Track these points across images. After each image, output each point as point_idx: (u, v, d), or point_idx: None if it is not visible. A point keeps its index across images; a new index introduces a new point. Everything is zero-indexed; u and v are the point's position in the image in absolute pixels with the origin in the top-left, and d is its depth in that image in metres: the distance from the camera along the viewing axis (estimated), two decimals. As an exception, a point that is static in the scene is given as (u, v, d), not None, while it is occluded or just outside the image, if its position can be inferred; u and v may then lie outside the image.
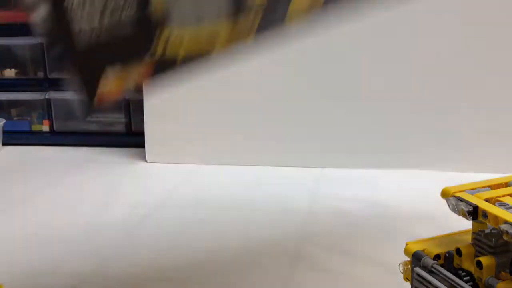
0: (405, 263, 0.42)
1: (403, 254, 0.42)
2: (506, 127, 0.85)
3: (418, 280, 0.40)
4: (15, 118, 1.10)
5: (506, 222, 0.35)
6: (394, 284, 0.53)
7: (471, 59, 0.84)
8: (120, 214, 0.74)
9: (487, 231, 0.38)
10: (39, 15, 0.32)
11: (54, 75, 1.06)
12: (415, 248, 0.41)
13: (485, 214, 0.36)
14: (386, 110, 0.87)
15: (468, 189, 0.40)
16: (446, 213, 0.42)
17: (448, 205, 0.39)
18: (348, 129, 0.89)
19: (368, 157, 0.88)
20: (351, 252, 0.61)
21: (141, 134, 0.97)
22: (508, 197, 0.38)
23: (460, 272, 0.38)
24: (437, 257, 0.40)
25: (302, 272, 0.57)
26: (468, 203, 0.38)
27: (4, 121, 1.05)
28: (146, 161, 0.95)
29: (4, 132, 1.06)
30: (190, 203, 0.78)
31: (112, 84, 0.38)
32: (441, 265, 0.39)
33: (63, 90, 1.06)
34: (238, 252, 0.62)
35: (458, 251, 0.39)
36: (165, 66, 0.41)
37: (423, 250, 0.40)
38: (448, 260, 0.40)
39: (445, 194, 0.40)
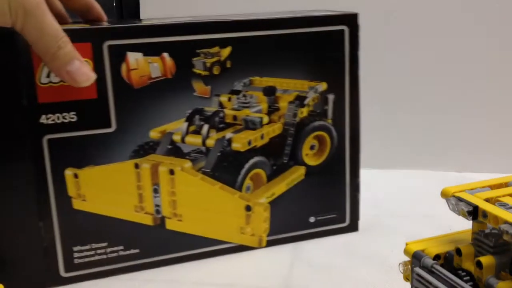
0: (405, 263, 0.42)
1: (403, 254, 0.42)
2: (506, 127, 0.85)
3: (418, 280, 0.40)
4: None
5: (506, 222, 0.35)
6: (394, 284, 0.53)
7: (471, 59, 0.84)
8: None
9: (487, 231, 0.38)
10: None
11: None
12: (415, 248, 0.41)
13: (485, 214, 0.37)
14: (385, 110, 0.87)
15: (468, 189, 0.40)
16: (446, 213, 0.42)
17: (448, 205, 0.39)
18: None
19: (367, 157, 0.88)
20: (351, 252, 0.61)
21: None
22: (508, 197, 0.38)
23: (460, 272, 0.38)
24: (437, 257, 0.40)
25: (302, 272, 0.57)
26: (468, 203, 0.38)
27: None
28: (146, 161, 0.95)
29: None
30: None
31: None
32: (441, 265, 0.39)
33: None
34: (238, 252, 0.62)
35: (458, 251, 0.39)
36: None
37: (423, 250, 0.40)
38: (448, 260, 0.40)
39: (445, 194, 0.40)
